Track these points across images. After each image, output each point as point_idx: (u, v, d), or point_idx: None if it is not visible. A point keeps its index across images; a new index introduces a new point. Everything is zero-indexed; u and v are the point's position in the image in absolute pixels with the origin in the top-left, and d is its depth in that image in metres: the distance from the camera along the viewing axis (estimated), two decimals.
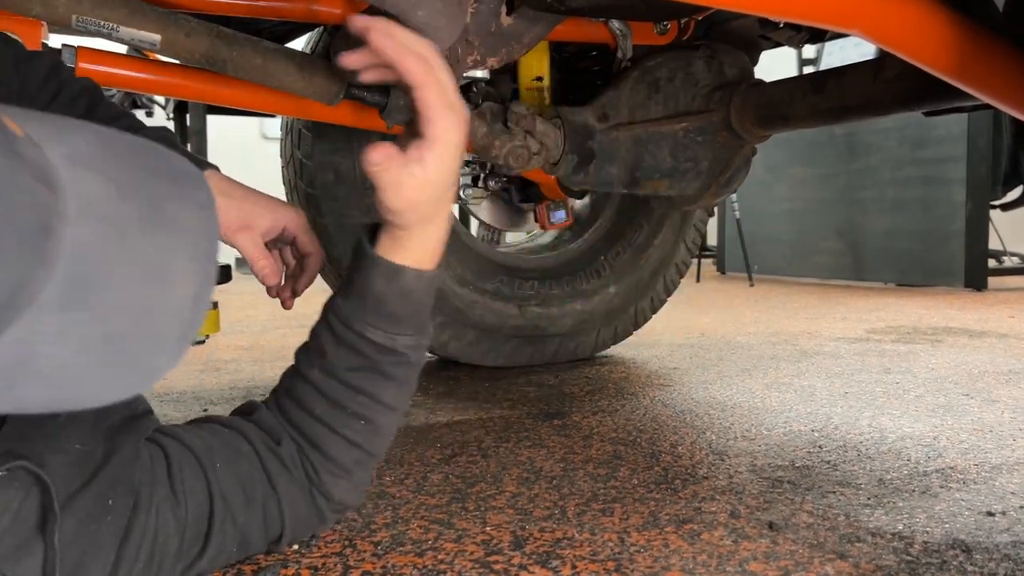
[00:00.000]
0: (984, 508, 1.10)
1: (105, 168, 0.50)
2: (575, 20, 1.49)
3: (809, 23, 0.87)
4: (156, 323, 0.51)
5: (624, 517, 1.06)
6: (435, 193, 0.76)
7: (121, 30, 1.22)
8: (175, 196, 0.53)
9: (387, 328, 0.79)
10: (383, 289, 0.78)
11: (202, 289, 0.53)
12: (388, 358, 0.80)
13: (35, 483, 0.63)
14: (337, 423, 0.82)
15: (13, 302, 0.44)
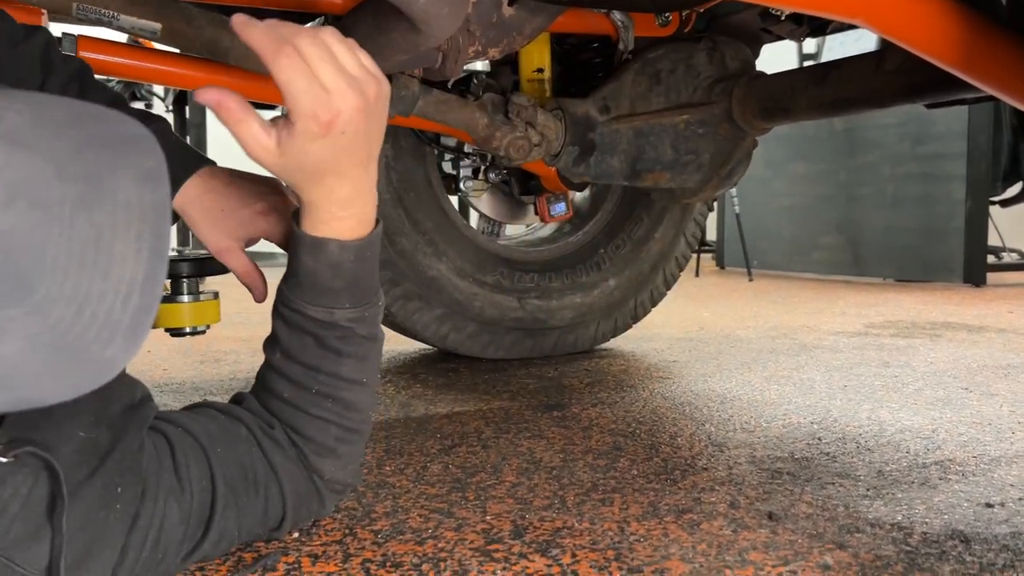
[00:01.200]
0: (983, 499, 1.10)
1: (41, 145, 0.47)
2: (577, 11, 1.49)
3: (814, 13, 0.87)
4: (100, 311, 0.48)
5: (624, 507, 1.06)
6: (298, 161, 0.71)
7: (121, 18, 1.22)
8: (119, 167, 0.49)
9: (325, 303, 0.79)
10: (311, 264, 0.78)
11: (152, 269, 0.50)
12: (332, 333, 0.80)
13: (44, 468, 0.63)
14: (306, 404, 0.82)
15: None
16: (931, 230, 4.56)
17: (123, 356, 0.50)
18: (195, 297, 1.30)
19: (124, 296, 0.48)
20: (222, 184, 0.94)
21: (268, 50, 0.68)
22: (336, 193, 0.75)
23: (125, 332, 0.49)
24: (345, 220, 0.77)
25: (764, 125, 1.53)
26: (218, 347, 2.44)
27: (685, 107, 1.59)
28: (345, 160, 0.73)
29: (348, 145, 0.71)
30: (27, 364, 0.47)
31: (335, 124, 0.69)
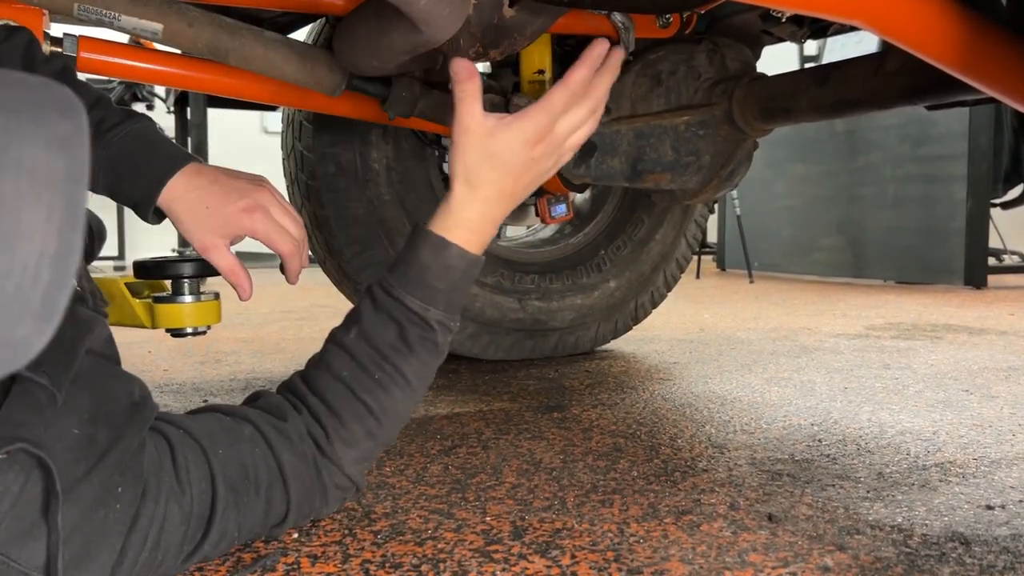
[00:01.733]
0: (983, 502, 1.10)
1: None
2: (577, 12, 1.49)
3: (815, 14, 0.87)
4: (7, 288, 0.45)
5: (624, 508, 1.06)
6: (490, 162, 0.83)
7: (123, 19, 1.22)
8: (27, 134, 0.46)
9: (424, 298, 0.84)
10: (428, 260, 0.84)
11: (65, 243, 0.46)
12: (417, 329, 0.84)
13: (36, 466, 0.62)
14: (359, 387, 0.84)
15: None
16: (932, 232, 4.56)
17: (37, 337, 0.46)
18: (196, 298, 1.30)
19: (33, 272, 0.45)
20: (207, 181, 0.95)
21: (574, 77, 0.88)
22: (483, 206, 0.84)
23: (37, 311, 0.46)
24: (474, 234, 0.85)
25: (765, 126, 1.53)
26: (219, 347, 2.44)
27: (686, 108, 1.59)
28: (513, 182, 0.84)
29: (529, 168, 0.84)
30: None
31: (541, 142, 0.83)
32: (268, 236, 0.96)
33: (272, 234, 0.96)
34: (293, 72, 1.34)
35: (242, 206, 0.94)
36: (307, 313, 3.28)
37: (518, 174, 0.84)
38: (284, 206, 0.99)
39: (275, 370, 2.09)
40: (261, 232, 0.95)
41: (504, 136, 0.82)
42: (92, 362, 0.74)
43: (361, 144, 1.88)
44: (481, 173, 0.83)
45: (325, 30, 1.80)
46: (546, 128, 0.84)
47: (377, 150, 1.89)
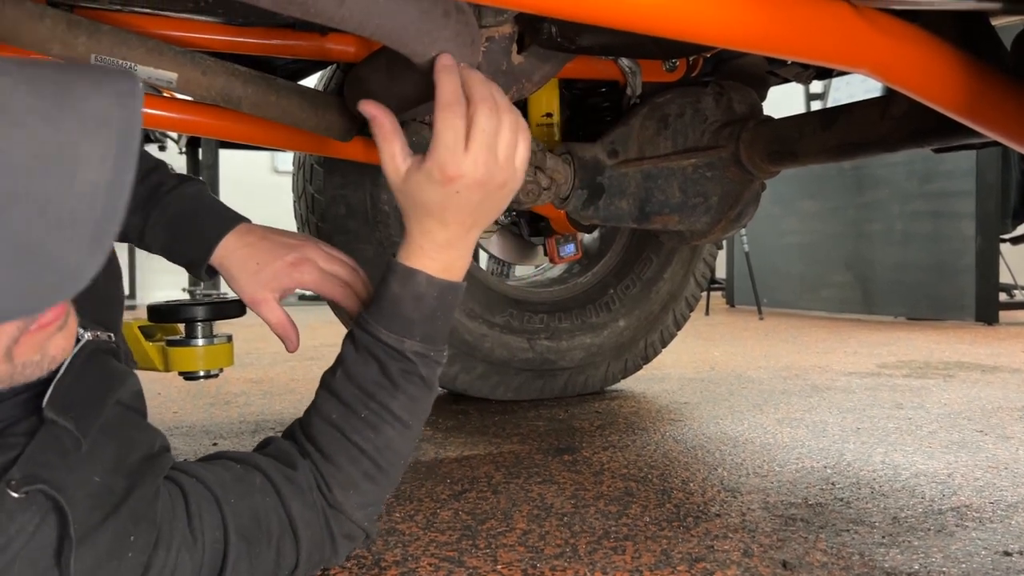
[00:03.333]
0: (1000, 547, 1.08)
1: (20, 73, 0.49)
2: (585, 58, 1.51)
3: (817, 63, 0.88)
4: (64, 213, 0.48)
5: (636, 555, 1.05)
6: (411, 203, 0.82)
7: (139, 68, 1.24)
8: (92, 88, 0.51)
9: (398, 331, 0.84)
10: (398, 290, 0.83)
11: (118, 174, 0.50)
12: (396, 363, 0.84)
13: (53, 509, 0.62)
14: (348, 428, 0.84)
15: None
16: (942, 268, 4.55)
17: (89, 263, 0.49)
18: (209, 340, 1.30)
19: (89, 198, 0.49)
20: (257, 239, 0.99)
21: (444, 98, 0.80)
22: (433, 235, 0.83)
23: (90, 237, 0.49)
24: (436, 260, 0.84)
25: (772, 168, 1.54)
26: (228, 389, 2.44)
27: (693, 151, 1.60)
28: (450, 213, 0.81)
29: (457, 203, 0.81)
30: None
31: (453, 182, 0.79)
32: (318, 286, 1.00)
33: (321, 284, 0.99)
34: (305, 118, 1.36)
35: (290, 260, 0.98)
36: (316, 353, 3.28)
37: (447, 209, 0.81)
38: (331, 255, 1.02)
39: (285, 412, 2.09)
40: (310, 283, 0.99)
41: (414, 181, 0.81)
42: (121, 414, 0.75)
43: (371, 186, 1.90)
44: (413, 211, 0.83)
45: (336, 76, 1.82)
46: (450, 163, 0.78)
47: (387, 192, 1.91)
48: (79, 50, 1.20)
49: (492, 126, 0.79)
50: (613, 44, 1.34)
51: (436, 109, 0.79)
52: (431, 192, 0.80)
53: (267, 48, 1.37)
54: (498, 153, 0.80)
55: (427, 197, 0.81)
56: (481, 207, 0.82)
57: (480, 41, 1.20)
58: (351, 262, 1.03)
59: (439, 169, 0.79)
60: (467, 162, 0.78)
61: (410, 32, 0.88)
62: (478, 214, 0.83)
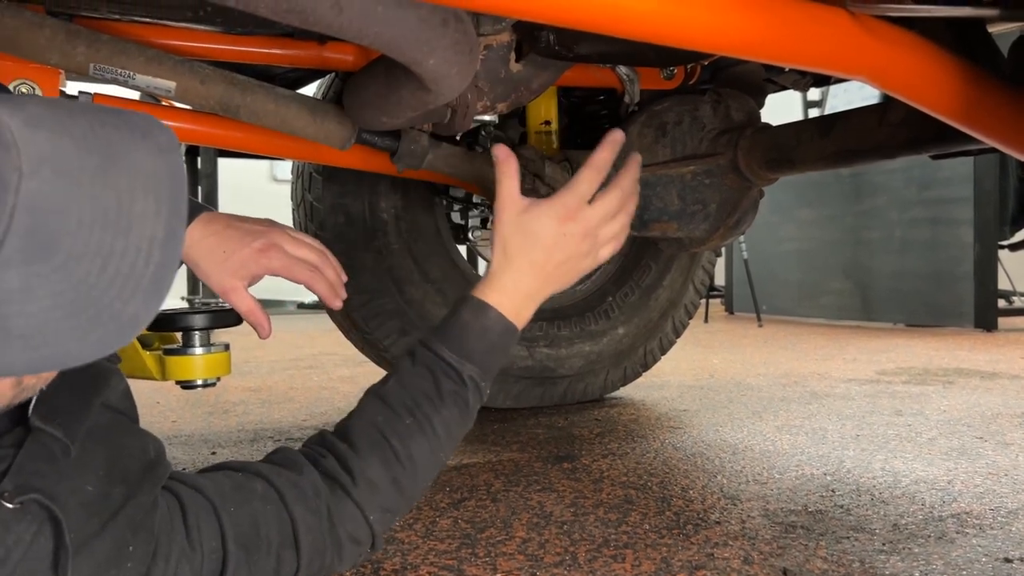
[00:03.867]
0: (1001, 554, 1.08)
1: (60, 127, 0.51)
2: (583, 66, 1.51)
3: (814, 70, 0.88)
4: (123, 267, 0.51)
5: (636, 563, 1.05)
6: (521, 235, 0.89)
7: (137, 77, 1.24)
8: (133, 143, 0.53)
9: (460, 354, 0.87)
10: (468, 319, 0.88)
11: (171, 229, 0.53)
12: (451, 382, 0.87)
13: (48, 519, 0.62)
14: (390, 431, 0.85)
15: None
16: (940, 274, 4.55)
17: (145, 313, 0.52)
18: (207, 349, 1.30)
19: (146, 253, 0.51)
20: (222, 227, 0.99)
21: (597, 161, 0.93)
22: (519, 276, 0.90)
23: (147, 289, 0.52)
24: (512, 302, 0.90)
25: (770, 176, 1.54)
26: (227, 397, 2.44)
27: (691, 158, 1.60)
28: (544, 256, 0.89)
29: (559, 245, 0.89)
30: (53, 322, 0.48)
31: (568, 222, 0.88)
32: (286, 271, 1.00)
33: (290, 269, 1.00)
34: (303, 127, 1.36)
35: (258, 247, 0.98)
36: (315, 361, 3.28)
37: (548, 248, 0.89)
38: (297, 239, 1.02)
39: (283, 420, 2.08)
40: (279, 268, 1.00)
41: (535, 211, 0.89)
42: (110, 418, 0.74)
43: (370, 194, 1.90)
44: (514, 244, 0.89)
45: (335, 85, 1.83)
46: (574, 206, 0.89)
47: (386, 200, 1.91)
48: (78, 59, 1.20)
49: (613, 210, 0.92)
50: (611, 52, 1.35)
51: (586, 165, 0.91)
52: (546, 226, 0.88)
53: (266, 57, 1.37)
54: (603, 229, 0.91)
55: (539, 230, 0.88)
56: (567, 263, 0.90)
57: (478, 49, 1.21)
58: (319, 246, 1.04)
59: (564, 207, 0.88)
60: (587, 212, 0.89)
61: (408, 41, 0.88)
62: (562, 269, 0.90)
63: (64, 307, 0.49)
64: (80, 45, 1.19)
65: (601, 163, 0.92)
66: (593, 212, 0.90)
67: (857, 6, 0.82)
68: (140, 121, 0.55)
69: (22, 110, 0.50)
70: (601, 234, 0.92)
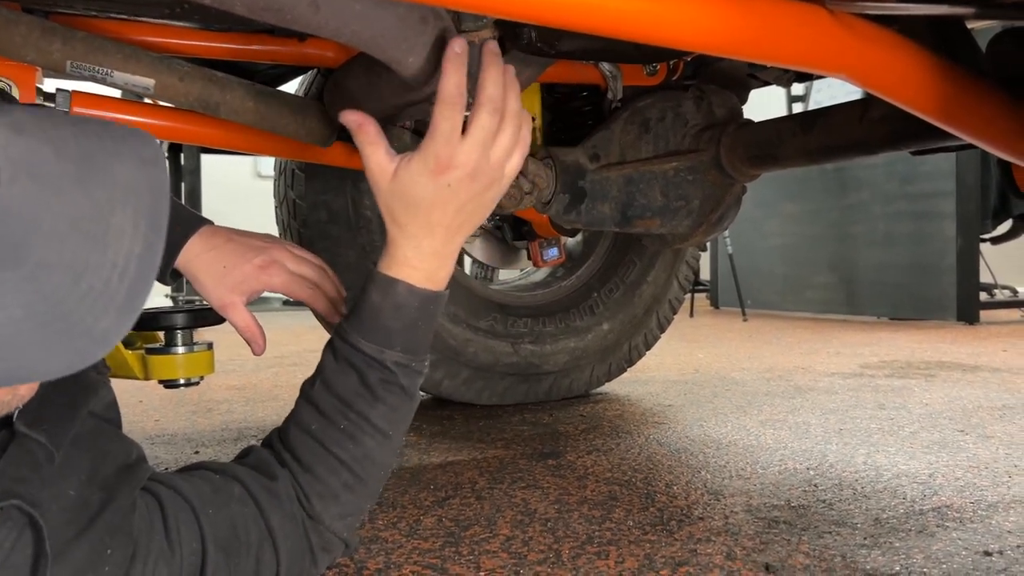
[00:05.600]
0: (981, 548, 1.09)
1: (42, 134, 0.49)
2: (566, 62, 1.51)
3: (793, 67, 0.88)
4: (97, 282, 0.49)
5: (619, 560, 1.05)
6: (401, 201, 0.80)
7: (115, 75, 1.23)
8: (115, 154, 0.52)
9: (378, 341, 0.82)
10: (378, 300, 0.82)
11: (148, 245, 0.51)
12: (376, 373, 0.82)
13: (28, 525, 0.61)
14: (328, 439, 0.82)
15: None
16: (923, 268, 4.58)
17: (116, 330, 0.50)
18: (189, 348, 1.29)
19: (121, 269, 0.50)
20: (222, 241, 0.97)
21: (446, 92, 0.78)
22: (418, 241, 0.82)
23: (120, 305, 0.50)
24: (418, 269, 0.82)
25: (752, 172, 1.55)
26: (211, 396, 2.42)
27: (674, 154, 1.60)
28: (438, 212, 0.80)
29: (446, 198, 0.79)
30: (20, 334, 0.47)
31: (446, 172, 0.78)
32: (286, 288, 0.99)
33: (290, 286, 0.99)
34: (284, 124, 1.35)
35: (258, 263, 0.97)
36: (300, 359, 3.26)
37: (435, 205, 0.80)
38: (298, 256, 1.00)
39: (268, 419, 2.07)
40: (278, 286, 0.98)
41: (405, 174, 0.79)
42: (94, 425, 0.74)
43: (353, 191, 1.89)
44: (399, 213, 0.81)
45: (316, 81, 1.82)
46: (444, 153, 0.78)
47: (369, 197, 1.90)
48: (54, 56, 1.19)
49: (492, 126, 0.79)
50: (593, 48, 1.34)
51: (436, 101, 0.78)
52: (422, 185, 0.79)
53: (246, 53, 1.36)
54: (491, 154, 0.80)
55: (417, 191, 0.79)
56: (467, 208, 0.81)
57: None
58: (319, 262, 1.02)
59: (434, 158, 0.78)
60: (461, 153, 0.78)
61: (387, 38, 0.88)
62: (463, 216, 0.82)
63: (32, 318, 0.47)
64: (56, 42, 1.17)
65: (451, 93, 0.78)
66: (469, 147, 0.78)
67: (836, 4, 0.82)
68: (125, 133, 0.54)
69: (7, 115, 0.49)
70: (493, 159, 0.80)
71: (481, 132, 0.79)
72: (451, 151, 0.78)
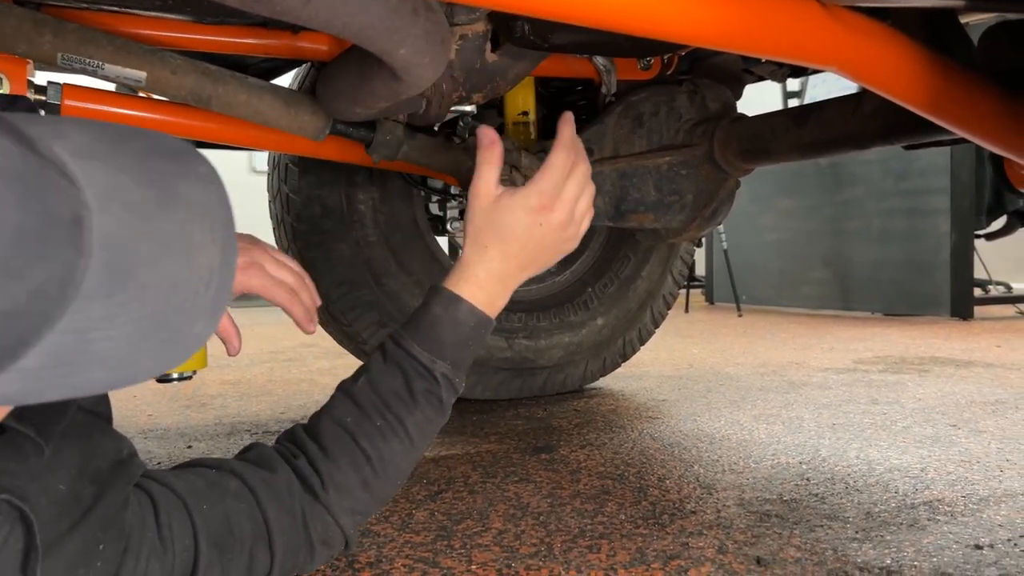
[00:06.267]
0: (972, 541, 1.09)
1: (107, 158, 0.53)
2: (560, 56, 1.51)
3: (786, 60, 0.88)
4: (189, 293, 0.54)
5: (611, 554, 1.05)
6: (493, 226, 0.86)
7: (106, 67, 1.22)
8: (181, 174, 0.56)
9: (431, 351, 0.85)
10: (439, 312, 0.86)
11: (226, 256, 0.56)
12: (423, 381, 0.85)
13: (19, 519, 0.61)
14: (360, 433, 0.84)
15: (63, 294, 0.47)
16: (918, 264, 4.59)
17: (206, 331, 0.56)
18: None
19: (206, 280, 0.55)
20: None
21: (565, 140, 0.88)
22: (492, 265, 0.87)
23: (208, 311, 0.55)
24: (483, 291, 0.87)
25: (745, 166, 1.55)
26: (205, 391, 2.42)
27: (667, 149, 1.60)
28: (518, 245, 0.86)
29: (535, 236, 0.86)
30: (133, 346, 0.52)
31: (544, 212, 0.85)
32: (265, 291, 1.00)
33: (269, 289, 0.99)
34: (277, 117, 1.34)
35: (239, 264, 0.96)
36: (295, 354, 3.26)
37: (521, 239, 0.86)
38: (278, 259, 1.01)
39: (261, 414, 2.07)
40: (258, 288, 0.99)
41: (508, 203, 0.85)
42: (84, 420, 0.74)
43: (347, 186, 1.88)
44: (486, 235, 0.87)
45: (310, 75, 1.81)
46: (549, 194, 0.86)
47: (363, 192, 1.90)
48: (45, 48, 1.18)
49: (583, 184, 0.88)
50: (587, 42, 1.34)
51: (555, 147, 0.87)
52: (519, 218, 0.85)
53: (238, 47, 1.36)
54: (576, 209, 0.88)
55: (512, 221, 0.85)
56: (545, 252, 0.87)
57: (451, 39, 1.20)
58: (298, 268, 1.03)
59: (538, 195, 0.85)
60: (562, 199, 0.86)
61: (378, 30, 0.88)
62: (539, 254, 0.87)
63: (140, 331, 0.52)
64: (47, 34, 1.17)
65: (570, 142, 0.89)
66: (568, 193, 0.87)
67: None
68: (178, 149, 0.58)
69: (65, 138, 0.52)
70: (578, 212, 0.89)
71: (577, 187, 0.87)
72: (556, 195, 0.86)
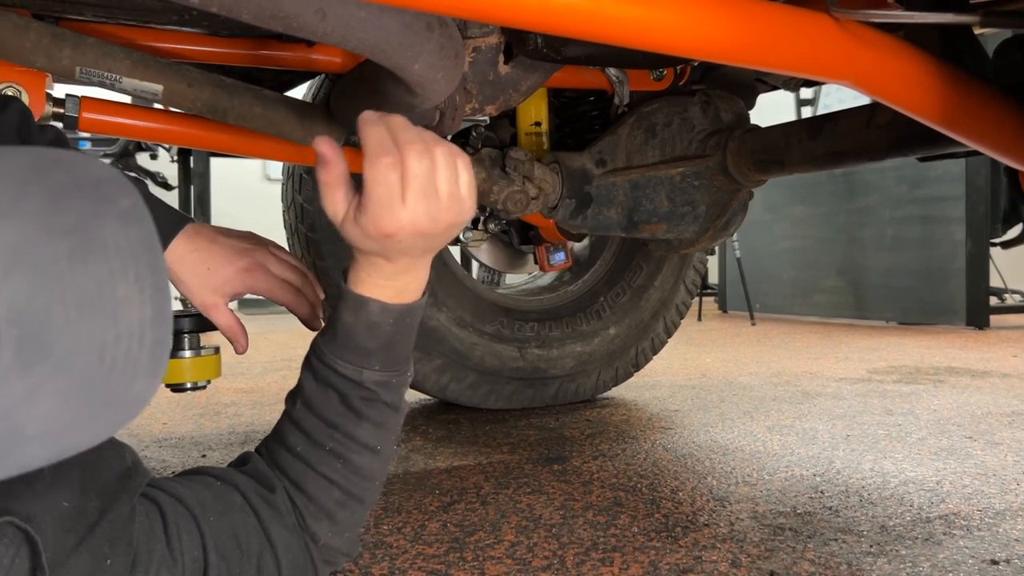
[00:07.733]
0: (988, 556, 1.08)
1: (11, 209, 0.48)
2: (572, 68, 1.51)
3: (799, 75, 0.88)
4: (120, 352, 0.50)
5: (624, 567, 1.05)
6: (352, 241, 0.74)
7: (124, 81, 1.24)
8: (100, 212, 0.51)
9: (355, 361, 0.79)
10: (350, 320, 0.78)
11: (157, 307, 0.51)
12: (357, 392, 0.80)
13: (24, 541, 0.62)
14: (315, 460, 0.81)
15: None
16: (932, 272, 4.56)
17: (148, 390, 0.52)
18: (196, 352, 1.30)
19: (138, 337, 0.50)
20: (206, 242, 0.97)
21: (370, 150, 0.71)
22: (381, 268, 0.77)
23: (146, 368, 0.51)
24: (387, 287, 0.78)
25: (759, 177, 1.54)
26: (218, 399, 2.43)
27: (680, 160, 1.60)
28: (395, 256, 0.75)
29: (400, 249, 0.74)
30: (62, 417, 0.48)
31: (393, 237, 0.71)
32: (269, 292, 0.99)
33: (273, 290, 0.99)
34: (291, 129, 1.36)
35: (243, 265, 0.97)
36: None
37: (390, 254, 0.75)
38: (282, 259, 1.01)
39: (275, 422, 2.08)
40: (262, 289, 0.98)
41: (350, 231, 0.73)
42: None
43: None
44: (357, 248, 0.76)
45: (324, 87, 1.82)
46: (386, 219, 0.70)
47: None
48: (64, 63, 1.19)
49: (425, 167, 0.71)
50: (599, 54, 1.35)
51: (364, 163, 0.70)
52: (370, 245, 0.73)
53: (253, 59, 1.37)
54: (440, 193, 0.72)
55: (367, 247, 0.74)
56: (429, 244, 0.76)
57: (465, 53, 1.21)
58: (303, 267, 1.02)
59: (374, 226, 0.71)
60: (405, 216, 0.70)
61: (393, 46, 0.88)
62: (427, 248, 0.77)
63: (71, 401, 0.48)
64: (66, 48, 1.18)
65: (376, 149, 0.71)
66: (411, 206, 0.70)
67: (840, 12, 0.82)
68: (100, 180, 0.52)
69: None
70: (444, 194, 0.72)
71: (418, 181, 0.70)
72: (394, 217, 0.70)
